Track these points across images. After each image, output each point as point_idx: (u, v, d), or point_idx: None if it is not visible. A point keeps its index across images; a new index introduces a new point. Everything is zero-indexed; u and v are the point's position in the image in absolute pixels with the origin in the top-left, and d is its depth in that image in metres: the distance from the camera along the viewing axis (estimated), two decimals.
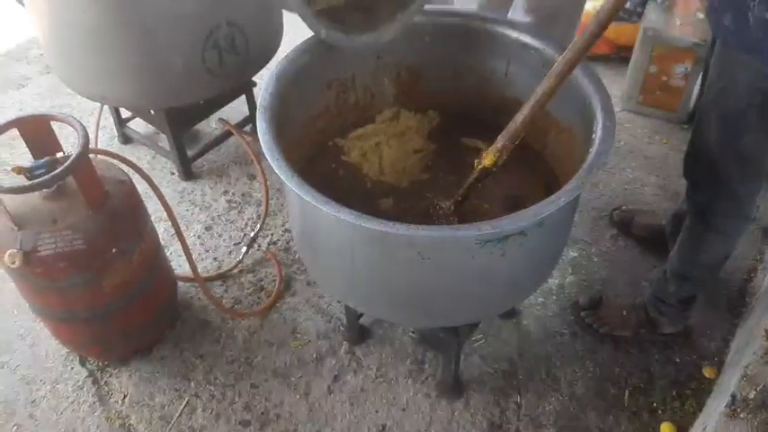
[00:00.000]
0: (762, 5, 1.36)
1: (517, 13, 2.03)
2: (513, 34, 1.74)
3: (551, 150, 1.81)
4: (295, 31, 3.05)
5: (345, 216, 1.29)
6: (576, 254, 2.33)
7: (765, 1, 1.35)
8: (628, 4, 2.86)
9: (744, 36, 1.43)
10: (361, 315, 2.02)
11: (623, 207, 2.43)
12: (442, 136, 1.91)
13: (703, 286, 1.97)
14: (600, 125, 1.43)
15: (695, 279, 1.92)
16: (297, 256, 2.33)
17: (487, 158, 1.53)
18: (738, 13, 1.42)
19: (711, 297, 2.15)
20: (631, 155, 2.69)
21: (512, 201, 1.73)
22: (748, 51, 1.44)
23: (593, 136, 1.44)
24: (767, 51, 1.40)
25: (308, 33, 1.63)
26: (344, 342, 2.07)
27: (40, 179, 1.59)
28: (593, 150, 1.38)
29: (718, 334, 2.08)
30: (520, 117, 1.50)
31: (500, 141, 1.52)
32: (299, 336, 2.11)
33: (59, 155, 1.71)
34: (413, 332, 2.06)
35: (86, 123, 1.73)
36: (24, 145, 1.74)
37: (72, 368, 2.05)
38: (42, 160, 1.64)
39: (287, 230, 2.43)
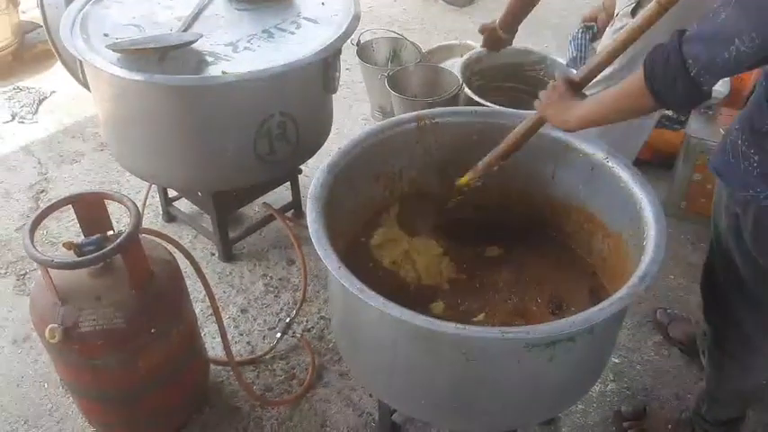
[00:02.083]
0: (737, 132, 1.38)
1: None
2: (561, 136, 1.76)
3: (596, 254, 1.78)
4: (342, 124, 3.18)
5: (391, 311, 1.27)
6: (617, 360, 2.25)
7: (740, 129, 1.38)
8: (670, 112, 2.89)
9: (718, 159, 1.45)
10: (394, 411, 1.96)
11: (668, 310, 2.37)
12: (483, 235, 1.91)
13: (742, 410, 1.87)
14: (652, 233, 1.41)
15: (727, 403, 1.83)
16: (331, 345, 2.29)
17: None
18: (725, 139, 1.44)
19: None
20: (674, 261, 2.64)
21: (554, 305, 1.71)
22: (718, 174, 1.46)
23: (644, 243, 1.43)
24: (729, 175, 1.42)
25: (356, 127, 1.67)
26: None
27: (88, 256, 1.61)
28: (645, 258, 1.36)
29: None
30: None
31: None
32: (328, 429, 2.04)
33: (110, 233, 1.74)
34: None
35: (134, 199, 1.77)
36: (70, 216, 1.78)
37: None
38: (93, 237, 1.67)
39: (322, 318, 2.41)
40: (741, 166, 1.35)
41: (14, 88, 3.76)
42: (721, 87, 2.67)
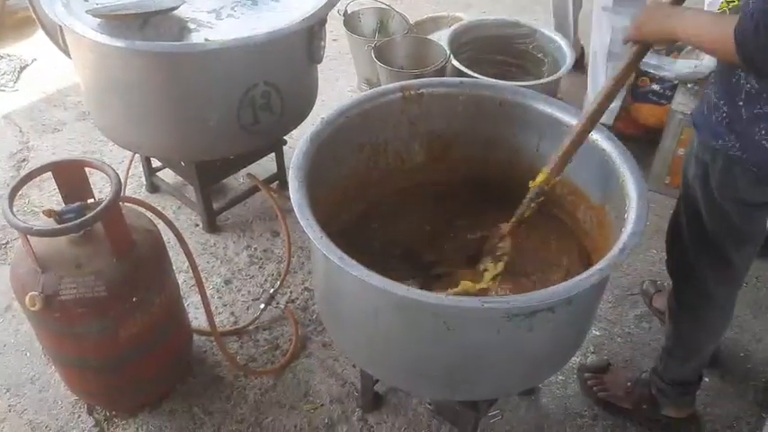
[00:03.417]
0: (711, 86, 1.43)
1: None
2: (546, 109, 1.76)
3: (581, 225, 1.79)
4: (328, 95, 3.15)
5: (372, 280, 1.27)
6: (598, 333, 2.28)
7: (714, 82, 1.42)
8: (657, 87, 2.89)
9: (696, 112, 1.50)
10: (377, 381, 1.97)
11: (658, 281, 2.41)
12: (469, 206, 1.91)
13: (696, 372, 1.91)
14: (634, 205, 1.42)
15: (682, 360, 1.86)
16: (314, 316, 2.30)
17: (540, 176, 1.60)
18: (704, 93, 1.48)
19: (738, 388, 2.09)
20: (657, 235, 2.64)
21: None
22: (694, 125, 1.51)
23: (626, 216, 1.43)
24: (702, 126, 1.46)
25: (342, 97, 1.65)
26: (357, 409, 2.02)
27: (69, 224, 1.59)
28: (626, 230, 1.37)
29: (745, 427, 2.00)
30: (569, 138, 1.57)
31: (552, 161, 1.59)
32: (311, 399, 2.06)
33: (90, 201, 1.73)
34: (429, 403, 2.00)
35: (117, 170, 1.75)
36: (52, 186, 1.76)
37: (79, 416, 2.01)
38: (73, 205, 1.65)
39: (306, 289, 2.41)
40: (713, 117, 1.41)
41: None
42: (708, 62, 2.67)
